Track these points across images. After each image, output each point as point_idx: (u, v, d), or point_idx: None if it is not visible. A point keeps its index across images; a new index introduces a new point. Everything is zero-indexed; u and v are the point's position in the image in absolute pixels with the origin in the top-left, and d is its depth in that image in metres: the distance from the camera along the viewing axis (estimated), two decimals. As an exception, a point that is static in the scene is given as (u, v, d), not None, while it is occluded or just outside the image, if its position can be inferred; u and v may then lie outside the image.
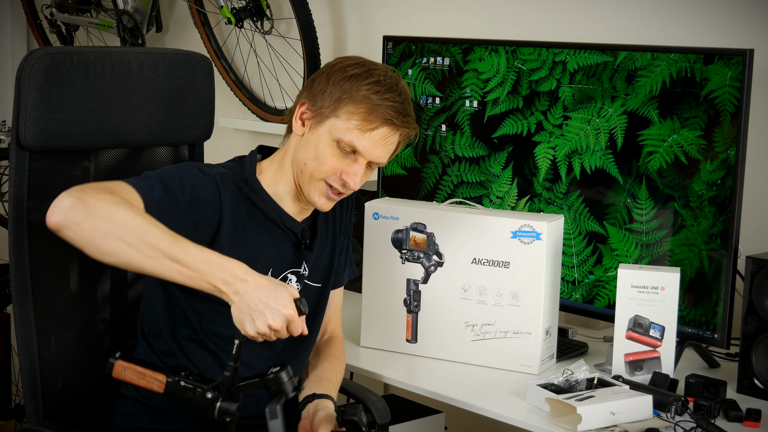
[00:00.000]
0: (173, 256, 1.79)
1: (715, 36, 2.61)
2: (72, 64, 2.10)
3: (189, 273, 1.79)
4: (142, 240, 1.78)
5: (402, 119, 2.01)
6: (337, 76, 2.02)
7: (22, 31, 4.82)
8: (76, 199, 1.79)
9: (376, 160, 2.03)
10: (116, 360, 1.85)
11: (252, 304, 1.78)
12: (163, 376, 1.84)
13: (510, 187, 2.60)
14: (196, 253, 1.80)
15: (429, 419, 2.78)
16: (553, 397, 2.03)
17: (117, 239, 1.78)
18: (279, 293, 1.79)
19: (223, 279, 1.79)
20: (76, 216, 1.78)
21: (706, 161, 2.28)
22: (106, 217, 1.78)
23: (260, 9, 3.55)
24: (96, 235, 1.78)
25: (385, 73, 2.03)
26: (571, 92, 2.47)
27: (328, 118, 2.01)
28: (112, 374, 1.85)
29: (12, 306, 2.14)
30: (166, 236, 1.80)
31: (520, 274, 2.25)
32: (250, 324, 1.78)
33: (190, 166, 2.02)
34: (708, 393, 2.13)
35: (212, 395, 1.81)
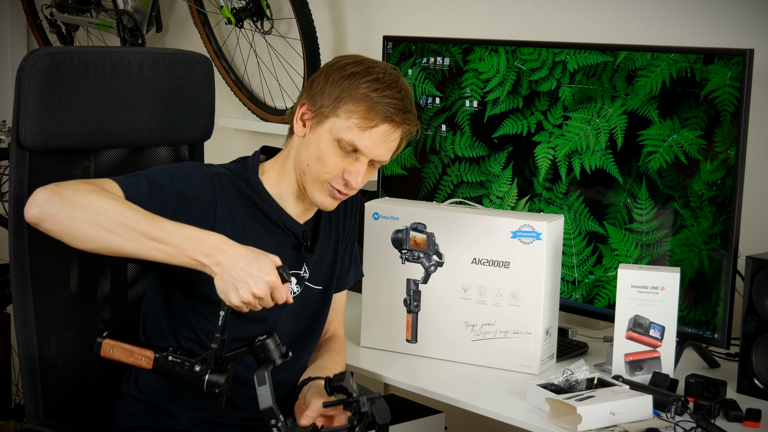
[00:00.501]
0: (150, 234, 1.80)
1: (715, 36, 2.61)
2: (72, 64, 2.10)
3: (168, 250, 1.80)
4: (117, 222, 1.79)
5: (402, 116, 2.01)
6: (336, 75, 2.01)
7: (22, 31, 4.82)
8: (50, 191, 1.81)
9: (378, 158, 2.02)
10: (104, 339, 1.86)
11: (234, 273, 1.78)
12: (151, 351, 1.85)
13: (510, 187, 2.60)
14: (173, 230, 1.81)
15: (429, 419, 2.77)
16: (553, 397, 2.03)
17: (93, 224, 1.79)
18: (261, 261, 1.80)
19: (203, 252, 1.80)
20: (51, 207, 1.80)
21: (706, 161, 2.28)
22: (80, 205, 1.80)
23: (260, 9, 3.55)
24: (72, 223, 1.80)
25: (385, 71, 2.02)
26: (571, 92, 2.47)
27: (329, 118, 2.01)
28: (101, 353, 1.86)
29: (12, 306, 2.14)
30: (141, 216, 1.81)
31: (520, 274, 2.25)
32: (234, 293, 1.78)
33: (186, 166, 2.02)
34: (708, 393, 2.13)
35: (200, 368, 1.82)
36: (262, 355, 1.84)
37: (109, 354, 1.86)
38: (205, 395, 2.04)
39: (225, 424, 2.08)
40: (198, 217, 1.97)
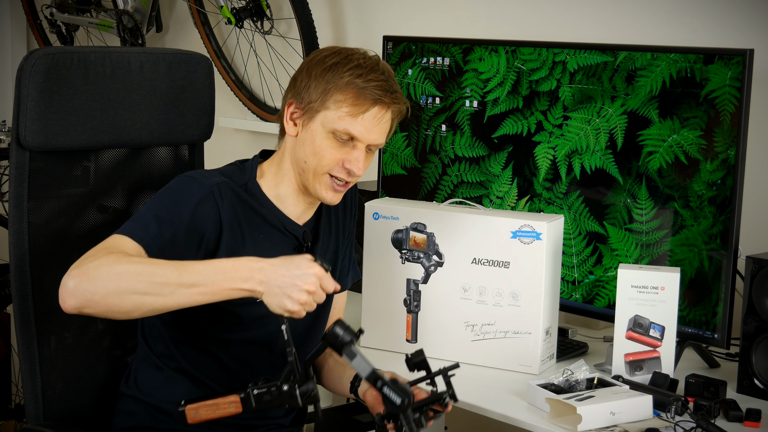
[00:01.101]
0: (187, 282, 1.80)
1: (715, 36, 2.61)
2: (72, 64, 2.10)
3: (209, 289, 1.81)
4: (153, 284, 1.80)
5: (390, 96, 2.01)
6: (318, 68, 2.02)
7: (22, 31, 4.82)
8: (77, 277, 1.81)
9: (374, 142, 2.02)
10: (184, 408, 1.86)
11: (280, 283, 1.80)
12: (235, 395, 1.84)
13: (510, 187, 2.60)
14: (205, 269, 1.82)
15: (429, 419, 2.77)
16: (553, 397, 2.03)
17: (131, 294, 1.80)
18: (297, 261, 1.82)
19: (242, 278, 1.81)
20: (84, 293, 1.80)
21: (706, 161, 2.28)
22: (110, 279, 1.80)
23: (260, 9, 3.55)
24: (112, 301, 1.80)
25: (364, 56, 2.03)
26: (571, 92, 2.47)
27: (319, 112, 2.01)
28: (189, 422, 1.86)
29: (12, 306, 2.14)
30: (171, 268, 1.82)
31: (520, 274, 2.25)
32: (288, 300, 1.79)
33: (185, 183, 2.00)
34: (708, 393, 2.13)
35: (288, 386, 1.82)
36: (338, 342, 1.83)
37: (196, 418, 1.86)
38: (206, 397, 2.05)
39: (224, 423, 2.08)
40: (210, 232, 1.98)
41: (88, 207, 2.20)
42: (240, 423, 2.10)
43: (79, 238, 2.18)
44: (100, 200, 2.22)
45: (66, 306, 1.81)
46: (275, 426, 2.15)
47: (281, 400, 1.83)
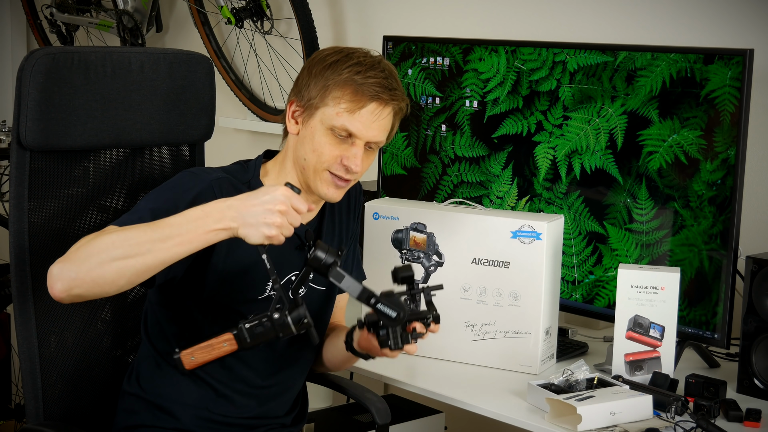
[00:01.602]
0: (161, 236, 1.80)
1: (715, 36, 2.61)
2: (72, 64, 2.10)
3: (185, 239, 1.80)
4: (128, 246, 1.80)
5: (389, 93, 2.01)
6: (318, 66, 2.03)
7: (22, 31, 4.82)
8: (60, 262, 1.82)
9: (373, 139, 2.02)
10: (179, 354, 1.85)
11: (252, 212, 1.80)
12: (228, 333, 1.84)
13: (510, 187, 2.60)
14: (177, 221, 1.82)
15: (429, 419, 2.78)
16: (553, 397, 2.03)
17: (110, 262, 1.79)
18: (263, 189, 1.82)
19: (215, 219, 1.81)
20: (68, 273, 1.80)
21: (706, 161, 2.28)
22: (90, 254, 1.80)
23: (260, 9, 3.55)
24: (94, 274, 1.80)
25: (365, 54, 2.04)
26: (571, 92, 2.47)
27: (318, 109, 2.01)
28: (186, 367, 1.85)
29: (12, 306, 2.14)
30: (144, 228, 1.82)
31: (520, 274, 2.25)
32: (265, 227, 1.79)
33: (183, 178, 2.01)
34: (708, 393, 2.13)
35: (279, 314, 1.82)
36: (321, 265, 1.85)
37: (193, 362, 1.85)
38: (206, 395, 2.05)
39: (224, 422, 2.08)
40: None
41: (89, 207, 2.20)
42: (241, 423, 2.10)
43: (79, 237, 2.16)
44: (100, 200, 2.22)
45: (54, 291, 1.81)
46: (277, 426, 2.15)
47: (275, 330, 1.82)
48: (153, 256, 1.80)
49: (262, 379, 2.10)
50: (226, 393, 2.07)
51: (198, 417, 2.07)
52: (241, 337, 1.83)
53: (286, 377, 2.14)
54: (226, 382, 2.07)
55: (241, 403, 2.08)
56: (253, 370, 2.08)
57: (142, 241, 1.80)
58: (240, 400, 2.08)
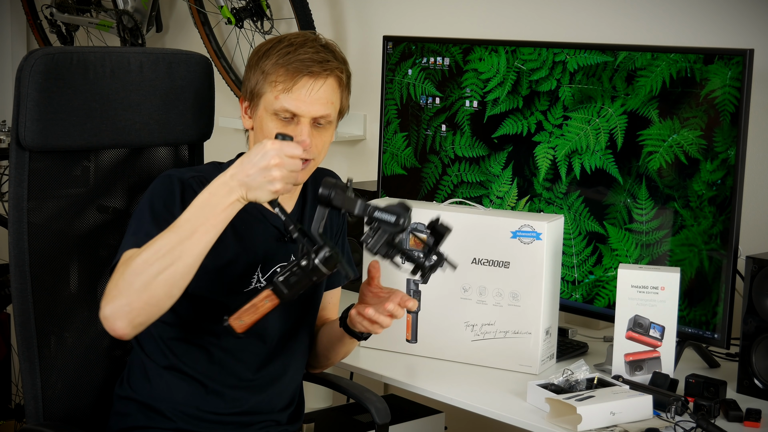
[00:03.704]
0: (186, 235, 1.84)
1: (715, 36, 2.61)
2: (72, 64, 2.10)
3: (209, 225, 1.85)
4: (161, 258, 1.84)
5: (320, 65, 2.02)
6: (254, 59, 2.07)
7: (22, 31, 4.82)
8: (107, 303, 1.86)
9: (316, 114, 2.03)
10: (227, 322, 1.90)
11: (251, 174, 1.83)
12: (266, 291, 1.89)
13: (510, 187, 2.60)
14: (192, 215, 1.85)
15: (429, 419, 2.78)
16: (553, 397, 2.03)
17: (154, 279, 1.84)
18: (254, 150, 1.85)
19: (224, 194, 1.85)
20: (121, 308, 1.85)
21: (706, 161, 2.28)
22: (130, 283, 1.84)
23: (260, 9, 3.55)
24: (145, 297, 1.84)
25: (297, 35, 2.06)
26: (571, 92, 2.47)
27: (261, 98, 2.04)
28: (238, 331, 1.90)
29: (12, 306, 2.14)
30: (165, 235, 1.85)
31: (520, 274, 2.25)
32: (269, 185, 1.83)
33: (164, 184, 2.03)
34: (708, 393, 2.13)
35: (306, 260, 1.86)
36: (332, 196, 1.88)
37: (242, 325, 1.90)
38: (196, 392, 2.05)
39: (216, 420, 2.08)
40: None
41: (88, 207, 2.20)
42: (234, 420, 2.10)
43: (79, 238, 2.18)
44: (100, 200, 2.22)
45: (118, 331, 1.86)
46: (272, 423, 2.15)
47: (307, 276, 1.87)
48: (188, 255, 1.84)
49: (252, 372, 2.10)
50: (217, 388, 2.07)
51: (189, 415, 2.07)
52: (278, 290, 1.88)
53: (276, 369, 2.13)
54: (216, 377, 2.07)
55: (231, 396, 2.08)
56: (243, 363, 2.09)
57: (171, 247, 1.84)
58: (230, 394, 2.08)
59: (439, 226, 1.95)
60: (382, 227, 1.89)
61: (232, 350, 2.07)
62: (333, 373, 2.38)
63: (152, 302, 1.85)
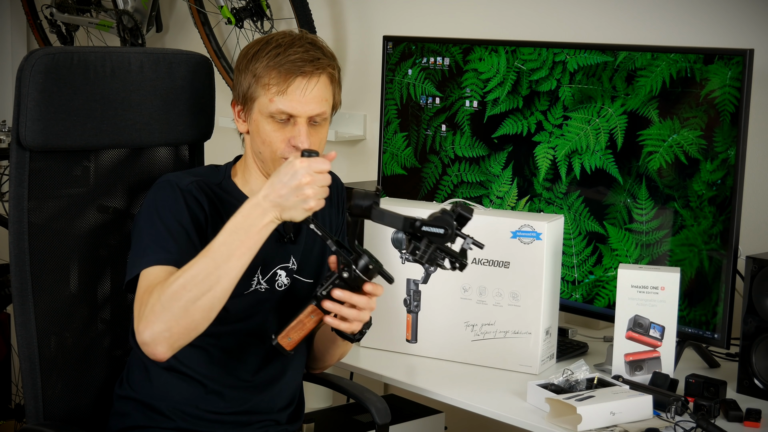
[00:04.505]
0: (222, 259, 1.87)
1: (715, 36, 2.61)
2: (72, 64, 2.10)
3: (245, 248, 1.88)
4: (199, 284, 1.87)
5: (312, 64, 2.03)
6: (243, 62, 2.07)
7: (22, 31, 4.82)
8: (146, 328, 1.88)
9: (312, 113, 2.03)
10: (276, 340, 1.94)
11: (283, 194, 1.87)
12: (310, 306, 1.94)
13: (510, 187, 2.60)
14: (227, 238, 1.89)
15: (429, 419, 2.78)
16: (553, 397, 2.03)
17: (193, 305, 1.87)
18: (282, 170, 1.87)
19: (258, 218, 1.88)
20: (162, 334, 1.87)
21: (706, 161, 2.28)
22: (169, 308, 1.87)
23: (260, 9, 3.55)
24: (185, 322, 1.88)
25: (283, 35, 2.07)
26: (571, 92, 2.47)
27: (254, 101, 2.05)
28: (288, 348, 1.95)
29: (12, 306, 2.14)
30: (202, 260, 1.89)
31: (520, 274, 2.25)
32: (301, 204, 1.86)
33: (166, 192, 2.03)
34: (708, 393, 2.13)
35: (347, 272, 1.92)
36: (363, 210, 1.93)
37: (291, 342, 1.95)
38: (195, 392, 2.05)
39: (216, 420, 2.08)
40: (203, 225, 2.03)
41: (88, 207, 2.20)
42: (233, 419, 2.10)
43: (79, 238, 2.18)
44: (100, 200, 2.22)
45: (159, 356, 1.89)
46: (272, 422, 2.15)
47: (349, 287, 1.92)
48: (226, 279, 1.88)
49: (251, 372, 2.10)
50: (216, 388, 2.08)
51: (188, 414, 2.07)
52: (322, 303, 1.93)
53: (276, 369, 2.13)
54: (216, 377, 2.07)
55: (230, 396, 2.08)
56: (242, 364, 2.09)
57: (208, 272, 1.87)
58: (230, 394, 2.08)
59: (462, 208, 1.98)
60: (428, 239, 1.94)
61: (232, 351, 2.07)
62: (333, 373, 2.38)
63: (191, 326, 1.89)
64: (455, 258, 1.96)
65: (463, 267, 1.97)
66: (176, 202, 2.02)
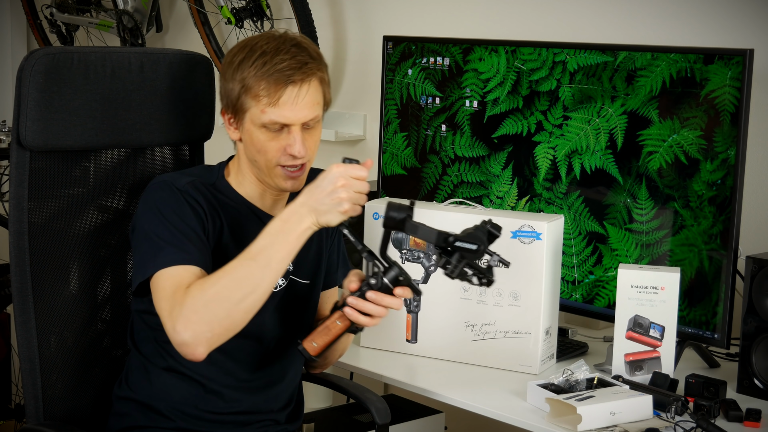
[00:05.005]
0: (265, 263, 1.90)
1: (715, 36, 2.61)
2: (72, 64, 2.10)
3: (285, 252, 1.90)
4: (242, 286, 1.90)
5: (301, 72, 2.00)
6: (229, 71, 2.04)
7: (22, 31, 4.82)
8: (185, 329, 1.89)
9: (305, 119, 2.02)
10: (301, 344, 1.96)
11: (321, 200, 1.89)
12: (336, 312, 1.96)
13: (510, 187, 2.60)
14: (267, 242, 1.91)
15: (429, 419, 2.78)
16: (553, 397, 2.03)
17: (236, 306, 1.90)
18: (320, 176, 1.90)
19: (296, 222, 1.90)
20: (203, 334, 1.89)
21: (706, 161, 2.28)
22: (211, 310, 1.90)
23: (260, 9, 3.55)
24: (226, 323, 1.91)
25: (267, 42, 2.02)
26: (571, 92, 2.47)
27: (245, 112, 2.03)
28: (312, 354, 1.96)
29: (12, 306, 2.14)
30: (244, 263, 1.91)
31: (520, 274, 2.25)
32: (336, 207, 1.88)
33: (166, 194, 2.02)
34: (708, 393, 2.13)
35: (375, 280, 1.94)
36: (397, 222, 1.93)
37: (316, 348, 1.95)
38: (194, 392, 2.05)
39: (215, 420, 2.08)
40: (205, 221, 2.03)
41: (89, 207, 2.20)
42: (233, 419, 2.10)
43: (79, 238, 2.18)
44: (100, 200, 2.22)
45: (199, 356, 1.91)
46: (271, 422, 2.15)
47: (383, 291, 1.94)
48: (268, 281, 1.91)
49: (249, 372, 2.10)
50: (215, 388, 2.07)
51: (188, 414, 2.07)
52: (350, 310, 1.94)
53: (274, 370, 2.13)
54: (215, 377, 2.07)
55: (230, 397, 2.08)
56: (240, 364, 2.09)
57: (251, 275, 1.90)
58: (229, 394, 2.08)
59: (491, 226, 1.99)
60: (460, 254, 1.95)
61: (230, 352, 2.07)
62: (333, 373, 2.38)
63: (231, 327, 1.91)
64: (483, 275, 1.97)
65: (490, 284, 1.98)
66: (178, 202, 2.01)
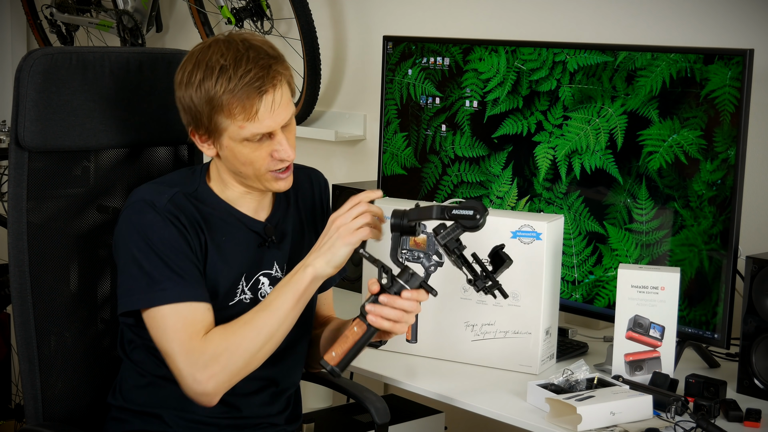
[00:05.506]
0: (282, 315, 1.95)
1: (715, 36, 2.61)
2: (71, 64, 2.10)
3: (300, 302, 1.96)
4: (261, 336, 1.95)
5: (269, 78, 1.95)
6: (188, 91, 1.96)
7: (22, 31, 4.82)
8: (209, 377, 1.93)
9: (284, 121, 1.99)
10: (324, 360, 1.96)
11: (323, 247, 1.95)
12: (355, 319, 1.96)
13: (510, 187, 2.60)
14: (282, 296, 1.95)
15: (429, 419, 2.78)
16: (553, 397, 2.02)
17: (255, 355, 1.96)
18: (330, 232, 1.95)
19: (300, 278, 1.95)
20: (225, 383, 1.95)
21: (706, 161, 2.28)
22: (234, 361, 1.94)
23: (260, 9, 3.55)
24: (247, 370, 1.96)
25: (221, 54, 1.94)
26: (571, 92, 2.47)
27: (221, 133, 1.98)
28: (332, 364, 1.95)
29: (12, 306, 2.14)
30: (262, 315, 1.95)
31: (520, 274, 2.25)
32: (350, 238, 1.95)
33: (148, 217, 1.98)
34: (708, 393, 2.13)
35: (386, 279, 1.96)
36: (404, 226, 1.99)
37: (336, 358, 1.95)
38: None
39: (213, 423, 2.07)
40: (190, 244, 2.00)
41: (88, 207, 2.20)
42: (233, 423, 2.09)
43: (78, 238, 2.18)
44: (99, 200, 2.22)
45: (214, 402, 1.96)
46: (269, 425, 2.14)
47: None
48: (282, 330, 1.96)
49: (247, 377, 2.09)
50: None
51: (184, 419, 2.05)
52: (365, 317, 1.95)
53: (272, 374, 2.12)
54: None
55: (227, 401, 2.07)
56: None
57: (270, 325, 1.95)
58: (226, 399, 2.07)
59: (503, 253, 2.00)
60: (458, 222, 1.95)
61: None
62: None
63: (246, 373, 1.96)
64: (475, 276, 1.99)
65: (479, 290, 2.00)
66: (165, 227, 1.97)
